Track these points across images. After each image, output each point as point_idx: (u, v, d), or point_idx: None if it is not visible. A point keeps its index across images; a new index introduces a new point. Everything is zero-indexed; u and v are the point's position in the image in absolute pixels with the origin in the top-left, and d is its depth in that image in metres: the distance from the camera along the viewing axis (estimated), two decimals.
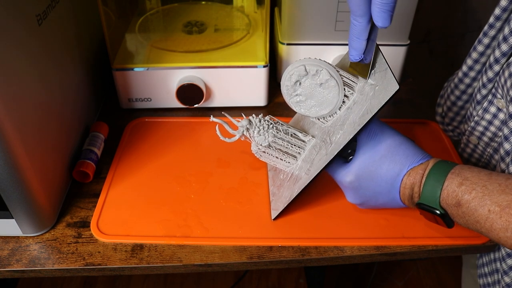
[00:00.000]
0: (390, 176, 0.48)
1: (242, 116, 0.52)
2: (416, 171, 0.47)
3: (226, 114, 0.54)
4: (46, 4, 0.53)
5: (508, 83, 0.52)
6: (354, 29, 0.46)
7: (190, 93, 0.70)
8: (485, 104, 0.58)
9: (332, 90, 0.50)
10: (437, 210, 0.46)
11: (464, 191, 0.44)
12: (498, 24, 0.54)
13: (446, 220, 0.46)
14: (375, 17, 0.43)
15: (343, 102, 0.51)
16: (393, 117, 0.73)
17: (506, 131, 0.52)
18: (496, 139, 0.58)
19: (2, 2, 0.43)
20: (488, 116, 0.58)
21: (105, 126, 0.67)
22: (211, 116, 0.52)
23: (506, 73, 0.53)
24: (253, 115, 0.53)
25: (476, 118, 0.60)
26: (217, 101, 0.73)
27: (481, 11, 1.10)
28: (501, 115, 0.56)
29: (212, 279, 1.28)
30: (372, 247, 0.53)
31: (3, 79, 0.43)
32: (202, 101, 0.71)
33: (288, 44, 0.74)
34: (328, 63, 0.49)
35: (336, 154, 0.49)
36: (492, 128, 0.58)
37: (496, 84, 0.56)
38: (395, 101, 0.78)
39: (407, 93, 0.80)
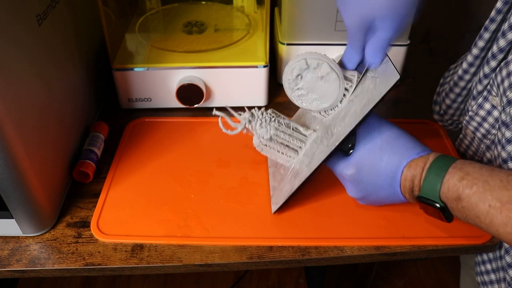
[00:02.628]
0: (390, 168, 0.48)
1: (245, 110, 0.52)
2: (417, 163, 0.47)
3: (228, 108, 0.53)
4: (46, 4, 0.53)
5: (506, 83, 0.52)
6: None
7: (190, 93, 0.70)
8: (480, 100, 0.58)
9: (333, 83, 0.50)
10: (437, 203, 0.46)
11: (465, 186, 0.43)
12: (499, 18, 0.54)
13: (445, 214, 0.46)
14: (368, 58, 0.49)
15: (344, 95, 0.51)
16: (393, 117, 0.73)
17: (508, 134, 0.52)
18: (489, 137, 0.57)
19: (2, 2, 0.43)
20: (482, 113, 0.58)
21: (105, 126, 0.67)
22: (214, 109, 0.52)
23: (504, 72, 0.52)
24: (256, 108, 0.53)
25: (470, 113, 0.59)
26: (217, 101, 0.73)
27: (481, 11, 1.10)
28: (495, 113, 0.56)
29: (212, 279, 1.28)
30: (372, 247, 0.53)
31: (3, 79, 0.43)
32: (202, 101, 0.71)
33: (288, 44, 0.74)
34: (329, 57, 0.50)
35: (337, 146, 0.49)
36: (486, 125, 0.58)
37: (492, 81, 0.56)
38: (395, 101, 0.78)
39: (407, 93, 0.80)
